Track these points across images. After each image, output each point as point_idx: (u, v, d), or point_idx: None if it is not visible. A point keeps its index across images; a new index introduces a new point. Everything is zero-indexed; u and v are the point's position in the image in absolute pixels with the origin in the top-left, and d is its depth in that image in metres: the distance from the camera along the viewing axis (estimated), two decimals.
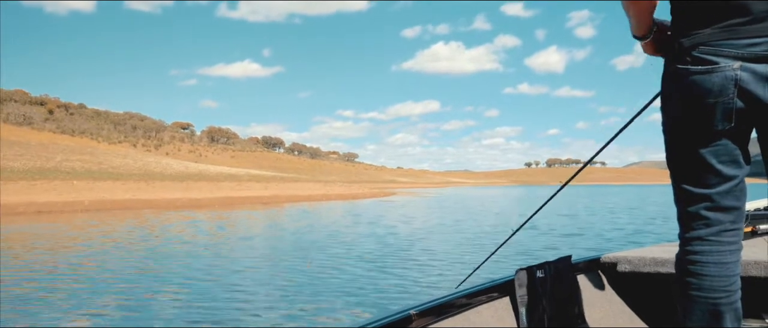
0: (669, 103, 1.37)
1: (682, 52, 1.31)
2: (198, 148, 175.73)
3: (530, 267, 1.93)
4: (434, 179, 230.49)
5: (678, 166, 1.40)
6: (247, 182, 52.23)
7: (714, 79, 1.26)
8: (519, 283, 1.89)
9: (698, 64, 1.28)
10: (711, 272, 1.35)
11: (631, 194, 61.97)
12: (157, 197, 33.54)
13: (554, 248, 11.00)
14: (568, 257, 2.10)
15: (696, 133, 1.33)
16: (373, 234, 14.71)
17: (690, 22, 1.31)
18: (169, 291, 7.11)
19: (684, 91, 1.31)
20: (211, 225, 18.72)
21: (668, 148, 1.41)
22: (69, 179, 37.35)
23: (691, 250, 1.38)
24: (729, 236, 1.36)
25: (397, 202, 40.03)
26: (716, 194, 1.34)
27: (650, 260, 2.18)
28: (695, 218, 1.38)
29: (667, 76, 1.37)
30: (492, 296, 1.84)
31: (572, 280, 2.05)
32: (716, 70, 1.25)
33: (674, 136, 1.38)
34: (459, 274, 8.16)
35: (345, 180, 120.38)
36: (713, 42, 1.26)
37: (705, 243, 1.36)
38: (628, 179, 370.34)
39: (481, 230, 16.07)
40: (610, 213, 24.16)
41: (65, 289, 7.28)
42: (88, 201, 28.67)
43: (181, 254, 10.84)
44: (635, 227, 16.30)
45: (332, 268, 8.87)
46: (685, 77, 1.30)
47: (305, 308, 6.09)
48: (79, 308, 6.18)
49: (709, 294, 1.34)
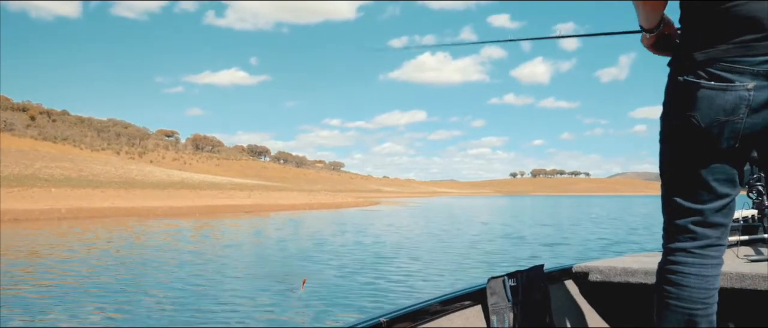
0: (673, 115, 1.33)
1: (694, 65, 1.26)
2: (182, 156, 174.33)
3: (502, 275, 1.94)
4: (420, 189, 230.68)
5: (672, 178, 1.37)
6: (230, 190, 51.75)
7: (727, 97, 1.22)
8: (491, 291, 1.89)
9: (712, 79, 1.24)
10: (691, 283, 1.35)
11: (613, 204, 62.37)
12: (137, 205, 33.04)
13: (534, 256, 10.91)
14: (541, 266, 2.09)
15: (697, 149, 1.30)
16: (353, 243, 14.50)
17: (704, 36, 1.27)
18: (113, 302, 6.85)
19: (693, 105, 1.26)
20: (188, 234, 18.39)
21: (664, 158, 1.39)
22: (47, 186, 36.69)
23: (674, 260, 1.38)
24: (713, 251, 1.36)
25: (381, 211, 39.85)
26: (707, 210, 1.33)
27: (621, 270, 2.18)
28: (682, 231, 1.37)
29: (674, 87, 1.32)
30: (464, 303, 1.83)
31: (544, 289, 2.05)
32: (730, 89, 1.22)
33: (673, 148, 1.36)
34: (434, 283, 8.01)
35: (330, 189, 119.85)
36: (729, 58, 1.22)
37: (688, 255, 1.36)
38: (612, 190, 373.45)
39: (458, 241, 15.94)
40: (592, 223, 24.18)
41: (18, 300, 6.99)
42: (65, 209, 28.13)
43: (139, 263, 10.56)
44: (616, 238, 16.27)
45: (300, 276, 8.66)
46: (695, 91, 1.25)
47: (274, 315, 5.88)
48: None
49: (686, 305, 1.35)
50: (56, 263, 10.68)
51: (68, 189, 36.83)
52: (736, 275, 1.97)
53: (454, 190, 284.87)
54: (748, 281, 1.94)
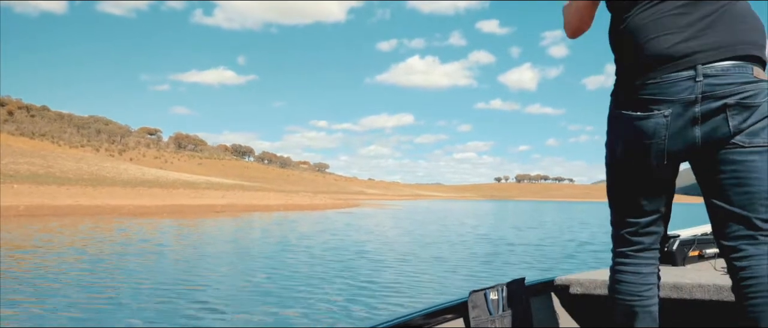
0: (610, 142, 1.56)
1: (621, 97, 1.50)
2: (164, 155, 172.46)
3: (484, 289, 1.98)
4: (403, 192, 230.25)
5: (615, 198, 1.62)
6: (205, 189, 50.88)
7: (648, 124, 1.43)
8: (472, 304, 1.93)
9: (636, 110, 1.45)
10: (628, 279, 1.60)
11: (598, 211, 62.34)
12: (102, 202, 32.18)
13: (515, 265, 10.47)
14: (522, 279, 2.12)
15: (630, 170, 1.53)
16: (298, 246, 13.97)
17: (627, 69, 1.49)
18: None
19: (623, 132, 1.50)
20: (133, 233, 17.72)
21: (607, 179, 1.62)
22: (10, 182, 35.67)
23: (616, 261, 1.64)
24: (647, 253, 1.60)
25: (356, 214, 39.33)
26: (642, 222, 1.58)
27: (601, 282, 2.21)
28: (622, 238, 1.62)
29: (610, 117, 1.55)
30: (446, 317, 1.86)
31: (525, 302, 2.08)
32: (650, 117, 1.43)
33: (612, 170, 1.59)
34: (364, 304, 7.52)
35: (312, 190, 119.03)
36: (647, 88, 1.42)
37: (626, 257, 1.61)
38: (596, 196, 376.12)
39: (426, 248, 15.45)
40: (575, 231, 23.88)
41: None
42: (24, 206, 27.25)
43: (56, 264, 9.94)
44: (595, 246, 15.90)
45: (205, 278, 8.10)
46: (623, 120, 1.49)
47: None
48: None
49: (625, 297, 1.60)
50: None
51: (32, 186, 35.83)
52: (714, 287, 2.02)
53: (438, 193, 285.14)
54: (726, 293, 1.98)
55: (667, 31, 1.42)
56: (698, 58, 1.39)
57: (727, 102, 1.37)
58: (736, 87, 1.37)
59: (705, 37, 1.40)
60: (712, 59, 1.38)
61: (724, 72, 1.37)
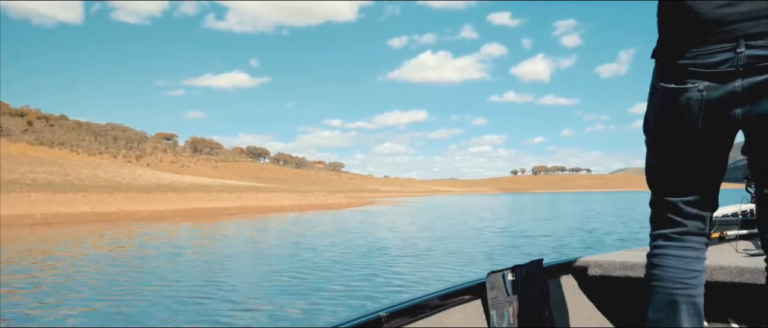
0: (646, 115, 1.47)
1: (659, 68, 1.40)
2: (180, 159, 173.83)
3: (502, 270, 1.95)
4: (419, 188, 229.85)
5: (652, 174, 1.50)
6: (219, 192, 51.02)
7: (681, 98, 1.33)
8: (490, 285, 1.90)
9: (670, 82, 1.35)
10: (670, 264, 1.43)
11: (617, 200, 61.55)
12: (118, 209, 32.30)
13: (527, 251, 10.25)
14: (540, 261, 2.09)
15: (669, 146, 1.42)
16: (306, 247, 13.76)
17: (665, 40, 1.38)
18: None
19: (657, 106, 1.41)
20: (143, 240, 17.65)
21: (647, 157, 1.50)
22: (27, 191, 35.98)
23: (655, 245, 1.49)
24: (692, 238, 1.45)
25: (370, 212, 39.13)
26: (683, 202, 1.43)
27: (620, 264, 2.19)
28: (661, 219, 1.48)
29: (651, 89, 1.45)
30: (463, 298, 1.84)
31: (543, 283, 2.05)
32: (684, 91, 1.32)
33: (651, 147, 1.48)
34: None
35: (328, 190, 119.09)
36: (683, 58, 1.31)
37: (667, 239, 1.46)
38: (614, 186, 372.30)
39: (439, 246, 15.17)
40: (591, 220, 23.45)
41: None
42: (40, 214, 27.40)
43: (65, 271, 9.82)
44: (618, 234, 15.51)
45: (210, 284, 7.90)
46: (661, 93, 1.39)
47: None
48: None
49: (667, 284, 1.43)
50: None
51: (49, 194, 36.10)
52: (736, 269, 1.97)
53: (454, 188, 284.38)
54: (748, 275, 1.93)
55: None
56: (742, 28, 1.25)
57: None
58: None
59: (749, 4, 1.25)
60: (757, 30, 1.23)
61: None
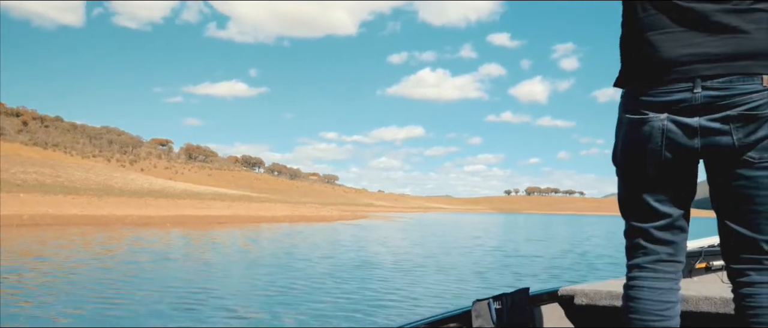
0: (617, 146, 1.50)
1: (624, 101, 1.45)
2: (174, 166, 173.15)
3: (487, 298, 1.95)
4: (412, 204, 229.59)
5: (622, 202, 1.53)
6: (210, 200, 50.76)
7: (645, 129, 1.38)
8: (476, 314, 1.90)
9: (634, 114, 1.41)
10: (644, 296, 1.45)
11: (608, 224, 61.51)
12: (107, 213, 32.06)
13: (518, 276, 10.13)
14: (526, 289, 2.08)
15: (636, 174, 1.45)
16: (283, 259, 13.64)
17: (629, 72, 1.44)
18: None
19: (623, 136, 1.46)
20: (124, 244, 17.48)
21: (618, 185, 1.53)
22: (16, 191, 35.70)
23: (630, 276, 1.50)
24: (665, 266, 1.47)
25: (362, 225, 38.97)
26: (653, 228, 1.46)
27: (606, 293, 2.18)
28: (636, 248, 1.50)
29: (618, 122, 1.50)
30: (449, 326, 1.85)
31: (529, 312, 2.04)
32: (646, 121, 1.38)
33: (620, 175, 1.51)
34: None
35: (321, 202, 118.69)
36: (645, 93, 1.38)
37: (641, 270, 1.47)
38: (607, 210, 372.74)
39: (425, 265, 15.07)
40: (582, 244, 23.39)
41: None
42: (27, 215, 27.16)
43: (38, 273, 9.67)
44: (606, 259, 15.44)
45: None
46: (626, 124, 1.44)
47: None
48: None
49: (642, 317, 1.44)
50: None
51: (38, 195, 35.84)
52: (720, 300, 1.98)
53: (448, 206, 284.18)
54: (732, 305, 1.95)
55: (665, 33, 1.36)
56: (697, 69, 1.32)
57: (729, 113, 1.30)
58: (740, 97, 1.29)
59: (707, 46, 1.32)
60: (712, 72, 1.31)
61: (727, 82, 1.30)
